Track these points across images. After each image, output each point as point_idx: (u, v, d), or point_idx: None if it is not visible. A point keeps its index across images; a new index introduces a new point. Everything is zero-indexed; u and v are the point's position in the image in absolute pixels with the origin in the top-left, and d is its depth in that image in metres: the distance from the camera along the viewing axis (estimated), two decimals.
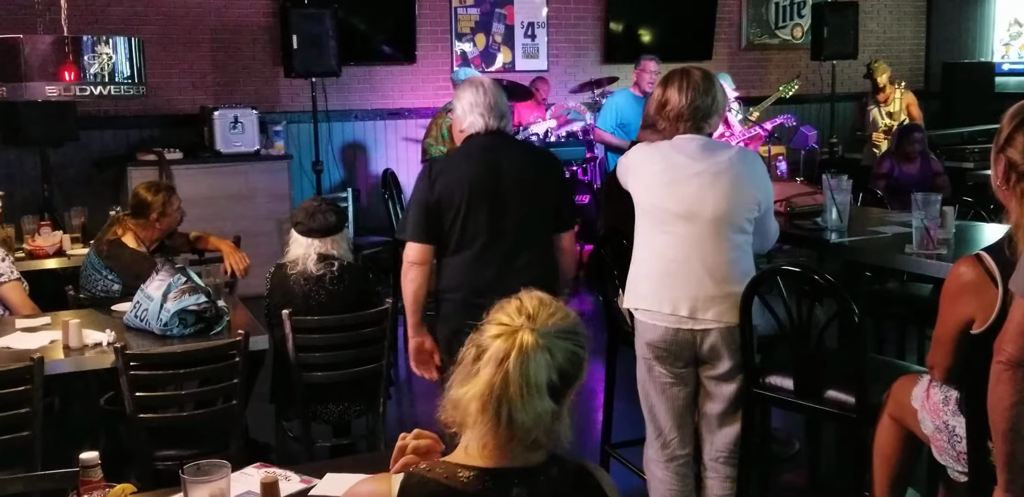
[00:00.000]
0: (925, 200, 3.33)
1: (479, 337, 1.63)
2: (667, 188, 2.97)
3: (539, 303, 1.65)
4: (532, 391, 1.56)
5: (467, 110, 3.15)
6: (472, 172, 3.08)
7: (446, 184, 3.07)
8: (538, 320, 1.62)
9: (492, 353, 1.58)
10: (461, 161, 3.14)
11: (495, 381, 1.56)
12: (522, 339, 1.58)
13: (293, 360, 3.51)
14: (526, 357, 1.57)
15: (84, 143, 6.84)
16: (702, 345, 2.98)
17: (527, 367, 1.57)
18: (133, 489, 2.05)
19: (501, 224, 3.08)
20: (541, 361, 1.58)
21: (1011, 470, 2.19)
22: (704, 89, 2.99)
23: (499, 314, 1.65)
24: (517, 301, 1.66)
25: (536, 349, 1.58)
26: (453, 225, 3.07)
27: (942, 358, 2.46)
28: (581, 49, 8.67)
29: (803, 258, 5.43)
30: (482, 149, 3.14)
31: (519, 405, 1.56)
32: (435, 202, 3.07)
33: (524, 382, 1.56)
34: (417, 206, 3.10)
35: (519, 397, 1.56)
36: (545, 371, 1.59)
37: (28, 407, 3.02)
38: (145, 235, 4.12)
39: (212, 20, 7.43)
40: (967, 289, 2.32)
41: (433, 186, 3.08)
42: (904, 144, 6.59)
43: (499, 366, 1.57)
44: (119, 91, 3.81)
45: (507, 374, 1.56)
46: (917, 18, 10.24)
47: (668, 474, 3.15)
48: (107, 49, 3.70)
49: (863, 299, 4.03)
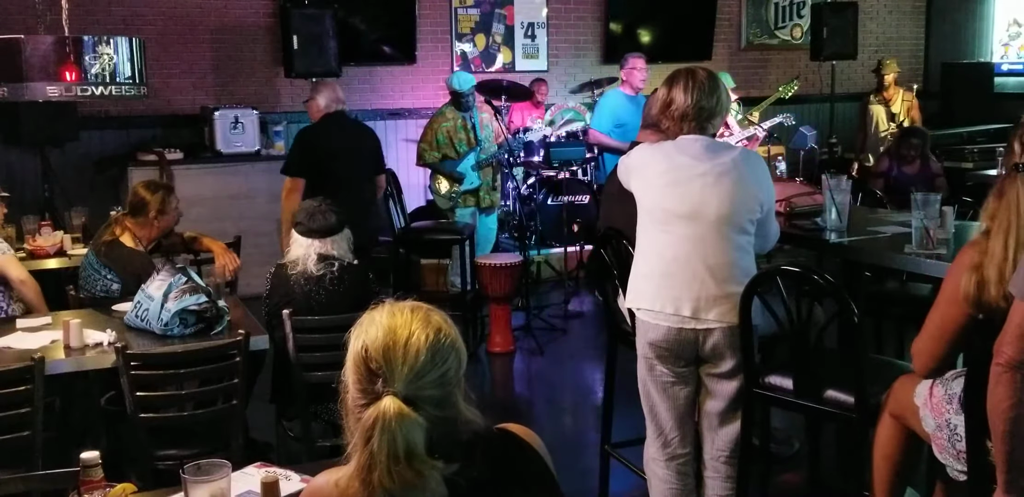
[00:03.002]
0: (924, 200, 3.33)
1: (355, 403, 1.53)
2: (670, 188, 2.98)
3: (390, 342, 1.52)
4: (408, 467, 1.46)
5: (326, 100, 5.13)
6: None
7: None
8: (396, 371, 1.50)
9: (360, 429, 1.48)
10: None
11: (364, 461, 1.47)
12: (384, 409, 1.47)
13: (293, 360, 3.52)
14: (391, 430, 1.46)
15: (84, 143, 6.85)
16: (704, 344, 2.99)
17: (395, 441, 1.45)
18: (133, 489, 2.05)
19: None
20: (411, 425, 1.47)
21: (1011, 471, 2.20)
22: (709, 89, 3.00)
23: (354, 375, 1.54)
24: (362, 351, 1.53)
25: (400, 415, 1.47)
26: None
27: (934, 346, 2.46)
28: (581, 49, 8.67)
29: (803, 258, 5.43)
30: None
31: (401, 490, 1.46)
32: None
33: (395, 458, 1.45)
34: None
35: (399, 478, 1.45)
36: (420, 434, 1.48)
37: (29, 407, 3.02)
38: (143, 234, 4.13)
39: (212, 20, 7.44)
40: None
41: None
42: (901, 147, 6.61)
43: (365, 444, 1.47)
44: (120, 91, 3.81)
45: (373, 453, 1.46)
46: (916, 18, 10.24)
47: (669, 473, 3.16)
48: (108, 49, 3.70)
49: (863, 299, 4.03)
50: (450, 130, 6.50)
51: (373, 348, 1.53)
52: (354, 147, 5.19)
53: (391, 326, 1.55)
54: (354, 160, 5.15)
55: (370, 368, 1.52)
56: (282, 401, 3.75)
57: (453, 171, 6.52)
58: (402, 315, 1.57)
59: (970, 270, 2.31)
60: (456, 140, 6.50)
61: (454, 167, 6.52)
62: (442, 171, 6.57)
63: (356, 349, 1.56)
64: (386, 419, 1.46)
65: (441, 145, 6.52)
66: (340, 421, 1.40)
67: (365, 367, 1.53)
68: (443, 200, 6.66)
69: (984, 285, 2.28)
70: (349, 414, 1.57)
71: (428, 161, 6.59)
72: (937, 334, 2.46)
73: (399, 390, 1.50)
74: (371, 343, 1.53)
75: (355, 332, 1.58)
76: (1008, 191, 2.32)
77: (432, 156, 6.54)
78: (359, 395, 1.53)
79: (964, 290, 2.31)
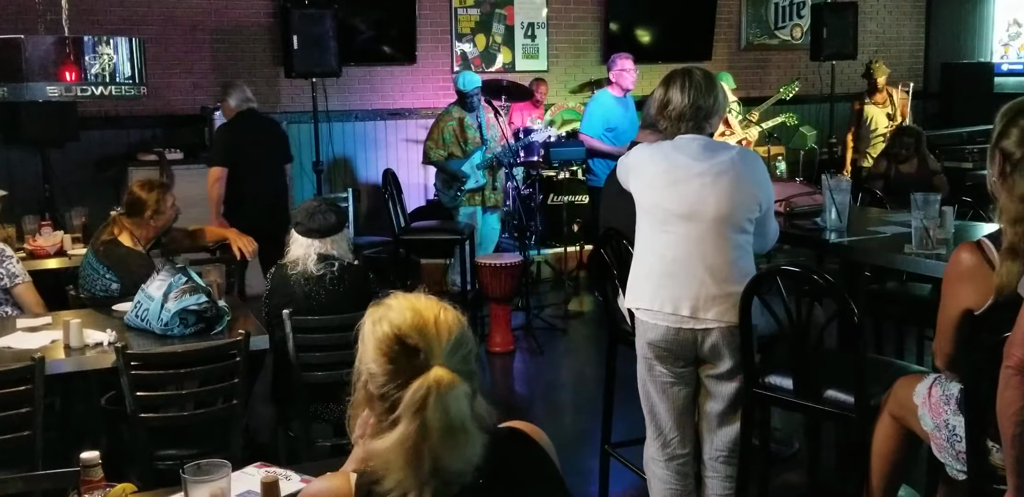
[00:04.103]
0: (924, 200, 3.33)
1: (385, 386, 1.54)
2: (669, 188, 2.98)
3: (421, 321, 1.55)
4: (459, 433, 1.49)
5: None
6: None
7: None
8: (436, 346, 1.53)
9: (407, 402, 1.49)
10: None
11: (413, 431, 1.48)
12: (435, 379, 1.50)
13: (294, 360, 3.52)
14: (445, 398, 1.49)
15: (84, 143, 6.85)
16: (703, 345, 2.99)
17: (449, 409, 1.48)
18: (134, 488, 2.05)
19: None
20: (460, 394, 1.51)
21: (1020, 475, 2.19)
22: (706, 89, 3.00)
23: (382, 358, 1.55)
24: (393, 332, 1.55)
25: (453, 385, 1.50)
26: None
27: (944, 344, 2.48)
28: (581, 49, 8.67)
29: (803, 258, 5.43)
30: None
31: (449, 452, 1.49)
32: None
33: (449, 426, 1.48)
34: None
35: (447, 444, 1.49)
36: (466, 402, 1.51)
37: (29, 407, 3.03)
38: (140, 234, 4.13)
39: (212, 20, 7.44)
40: (967, 275, 2.36)
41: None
42: (895, 146, 6.62)
43: (416, 415, 1.49)
44: (120, 91, 3.80)
45: (426, 422, 1.48)
46: (916, 18, 10.24)
47: (668, 473, 3.16)
48: (108, 49, 3.70)
49: (862, 299, 4.04)
50: (457, 128, 6.52)
51: (407, 327, 1.56)
52: (265, 139, 5.82)
53: (416, 307, 1.59)
54: (266, 150, 5.79)
55: (407, 346, 1.54)
56: (282, 401, 3.76)
57: (457, 170, 6.54)
58: (419, 300, 1.61)
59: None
60: (463, 139, 6.52)
61: (459, 166, 6.54)
62: (447, 169, 6.59)
63: (384, 332, 1.57)
64: (440, 387, 1.49)
65: (448, 143, 6.54)
66: (340, 421, 1.41)
67: (400, 346, 1.55)
68: (448, 198, 6.68)
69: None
70: (369, 402, 1.59)
71: (434, 159, 6.61)
72: (942, 328, 2.48)
73: (443, 362, 1.53)
74: (402, 323, 1.56)
75: (373, 320, 1.60)
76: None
77: (438, 154, 6.56)
78: (389, 378, 1.54)
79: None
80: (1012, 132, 2.34)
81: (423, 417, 1.48)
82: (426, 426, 1.48)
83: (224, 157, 5.62)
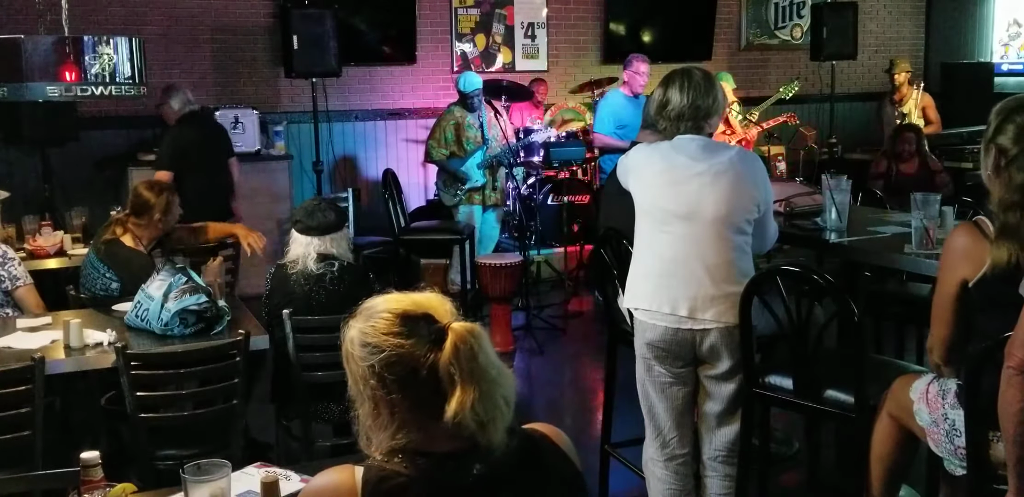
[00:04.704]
0: (924, 200, 3.34)
1: (416, 361, 1.53)
2: (667, 188, 2.98)
3: (408, 300, 1.58)
4: (502, 370, 1.54)
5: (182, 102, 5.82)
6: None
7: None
8: (440, 308, 1.57)
9: (451, 357, 1.51)
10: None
11: (475, 383, 1.51)
12: (464, 328, 1.53)
13: (294, 360, 3.52)
14: (482, 341, 1.53)
15: (84, 143, 6.85)
16: (702, 345, 2.99)
17: (489, 352, 1.53)
18: (134, 488, 2.06)
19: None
20: (487, 337, 1.55)
21: (1021, 475, 2.20)
22: (705, 89, 3.01)
23: (405, 330, 1.54)
24: (395, 312, 1.55)
25: (473, 332, 1.53)
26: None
27: (941, 328, 2.49)
28: (581, 49, 8.67)
29: (803, 258, 5.43)
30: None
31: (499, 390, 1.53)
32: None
33: (494, 364, 1.53)
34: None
35: (497, 384, 1.53)
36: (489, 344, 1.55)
37: (29, 407, 3.03)
38: (144, 234, 4.13)
39: (212, 20, 7.44)
40: (966, 246, 2.40)
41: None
42: (896, 143, 6.60)
43: (468, 364, 1.51)
44: (120, 91, 3.80)
45: (477, 368, 1.51)
46: (916, 18, 10.24)
47: (667, 473, 3.16)
48: (108, 49, 3.69)
49: (862, 299, 4.03)
50: (459, 128, 6.53)
51: (402, 306, 1.56)
52: (209, 139, 6.04)
53: (392, 298, 1.59)
54: (209, 150, 6.00)
55: (415, 316, 1.54)
56: (282, 401, 3.76)
57: (458, 169, 6.55)
58: (405, 293, 1.62)
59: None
60: (465, 138, 6.53)
61: (460, 165, 6.55)
62: (448, 168, 6.60)
63: (384, 321, 1.55)
64: (466, 338, 1.51)
65: (449, 142, 6.55)
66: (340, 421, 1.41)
67: (410, 320, 1.54)
68: (448, 196, 6.69)
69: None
70: (388, 400, 1.57)
71: (435, 158, 6.63)
72: (938, 308, 2.49)
73: (455, 318, 1.55)
74: (399, 305, 1.56)
75: (360, 328, 1.57)
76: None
77: (439, 153, 6.57)
78: (415, 348, 1.52)
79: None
80: (1008, 129, 2.38)
81: (473, 366, 1.50)
82: (481, 369, 1.50)
83: (170, 161, 5.74)
